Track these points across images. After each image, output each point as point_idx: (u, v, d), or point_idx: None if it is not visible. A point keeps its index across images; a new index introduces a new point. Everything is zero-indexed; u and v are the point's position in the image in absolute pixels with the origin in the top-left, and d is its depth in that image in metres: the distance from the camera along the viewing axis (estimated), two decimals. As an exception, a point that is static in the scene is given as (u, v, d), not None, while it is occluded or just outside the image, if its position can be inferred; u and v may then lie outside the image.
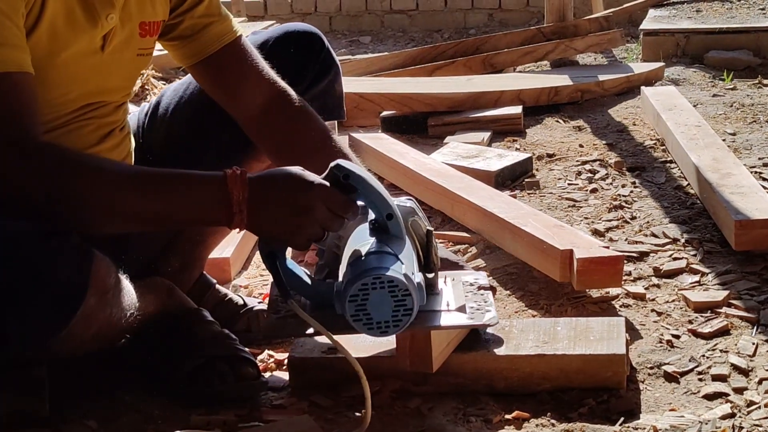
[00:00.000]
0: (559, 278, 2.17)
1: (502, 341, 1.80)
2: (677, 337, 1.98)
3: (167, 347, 1.85)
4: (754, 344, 1.91)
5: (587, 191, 2.89)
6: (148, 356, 1.87)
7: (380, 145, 3.19)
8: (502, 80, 4.23)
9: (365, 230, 1.63)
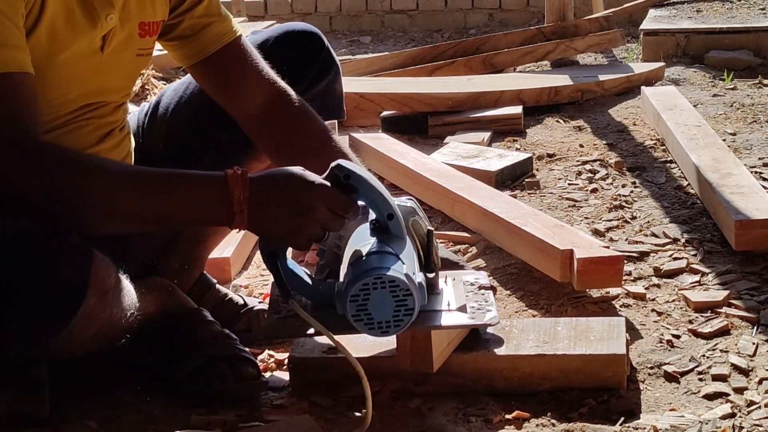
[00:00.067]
0: (559, 278, 2.17)
1: (502, 341, 1.80)
2: (677, 337, 1.98)
3: (167, 347, 1.85)
4: (754, 344, 1.91)
5: (587, 191, 2.89)
6: (148, 356, 1.86)
7: (380, 145, 3.19)
8: (502, 80, 4.23)
9: (366, 230, 1.63)
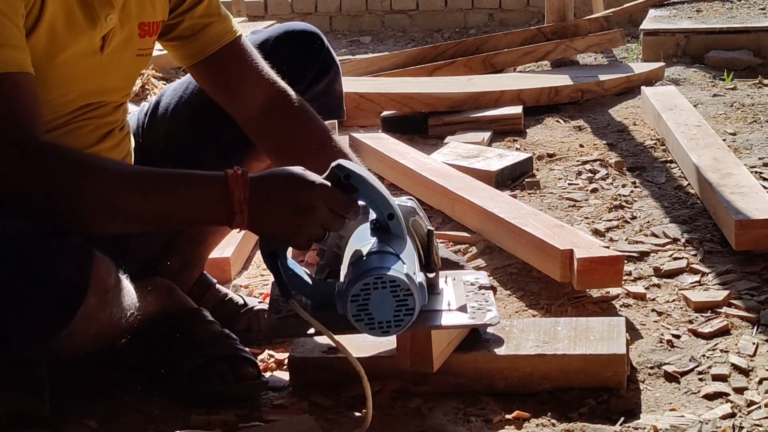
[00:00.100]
0: (559, 278, 2.17)
1: (502, 341, 1.80)
2: (677, 336, 1.97)
3: (167, 347, 1.85)
4: (754, 344, 1.91)
5: (587, 191, 2.89)
6: (148, 356, 1.86)
7: (380, 145, 3.19)
8: (502, 80, 4.22)
9: (366, 230, 1.63)
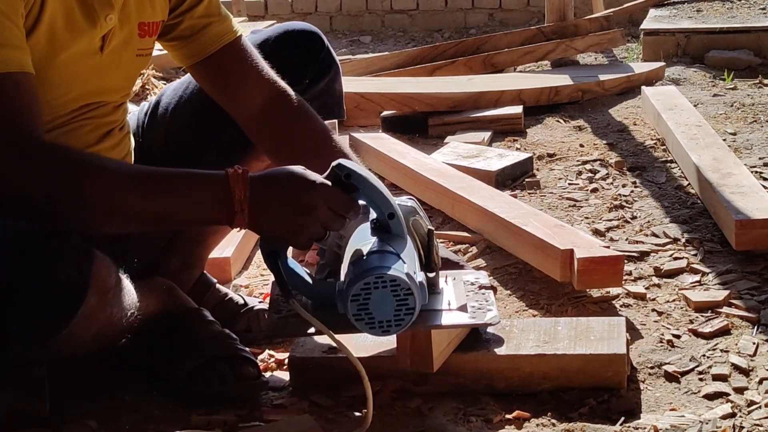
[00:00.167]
0: (559, 278, 2.17)
1: (502, 341, 1.80)
2: (678, 336, 1.97)
3: (167, 347, 1.85)
4: (754, 344, 1.91)
5: (588, 191, 2.89)
6: (148, 356, 1.86)
7: (381, 144, 3.19)
8: (502, 80, 4.22)
9: (367, 229, 1.63)
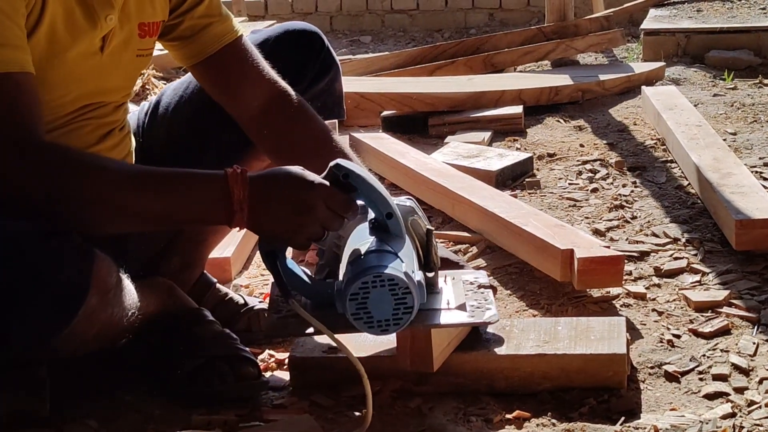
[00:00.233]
0: (559, 278, 2.17)
1: (502, 341, 1.80)
2: (678, 336, 1.97)
3: (168, 347, 1.85)
4: (754, 344, 1.91)
5: (588, 191, 2.89)
6: (148, 356, 1.86)
7: (381, 144, 3.19)
8: (502, 80, 4.22)
9: (365, 229, 1.63)
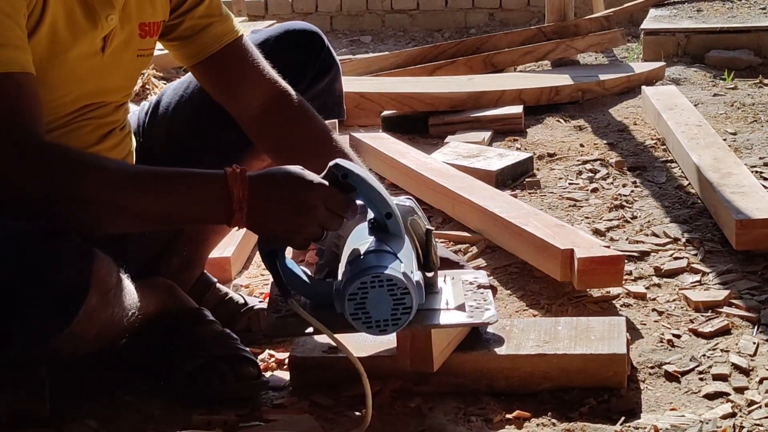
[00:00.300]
0: (559, 278, 2.17)
1: (502, 341, 1.80)
2: (678, 336, 1.97)
3: (168, 347, 1.85)
4: (754, 344, 1.91)
5: (588, 191, 2.89)
6: (148, 356, 1.86)
7: (381, 144, 3.19)
8: (502, 80, 4.22)
9: (364, 229, 1.63)
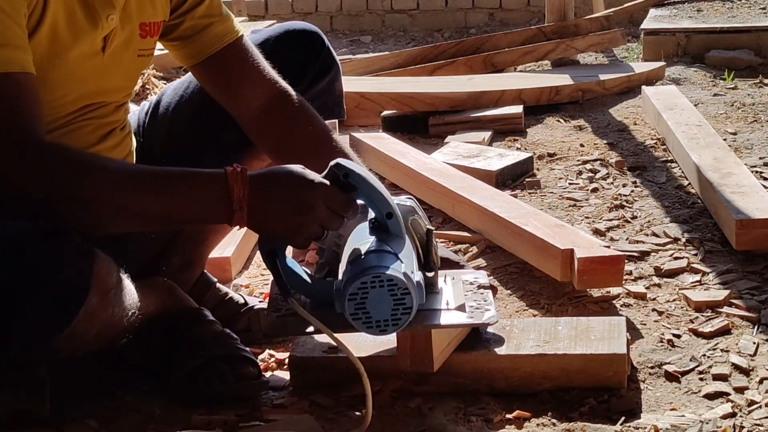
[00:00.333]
0: (560, 278, 2.17)
1: (502, 341, 1.80)
2: (678, 336, 1.97)
3: (168, 347, 1.85)
4: (755, 344, 1.91)
5: (588, 191, 2.89)
6: (148, 356, 1.86)
7: (381, 144, 3.19)
8: (502, 80, 4.22)
9: (365, 229, 1.63)
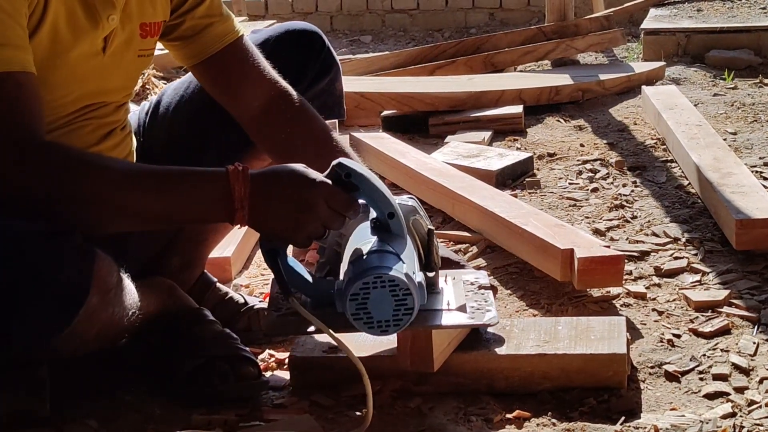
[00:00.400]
0: (560, 277, 2.17)
1: (503, 341, 1.80)
2: (678, 336, 1.97)
3: (168, 347, 1.85)
4: (755, 343, 1.91)
5: (588, 190, 2.89)
6: (148, 356, 1.87)
7: (381, 144, 3.19)
8: (502, 80, 4.22)
9: (367, 229, 1.63)
